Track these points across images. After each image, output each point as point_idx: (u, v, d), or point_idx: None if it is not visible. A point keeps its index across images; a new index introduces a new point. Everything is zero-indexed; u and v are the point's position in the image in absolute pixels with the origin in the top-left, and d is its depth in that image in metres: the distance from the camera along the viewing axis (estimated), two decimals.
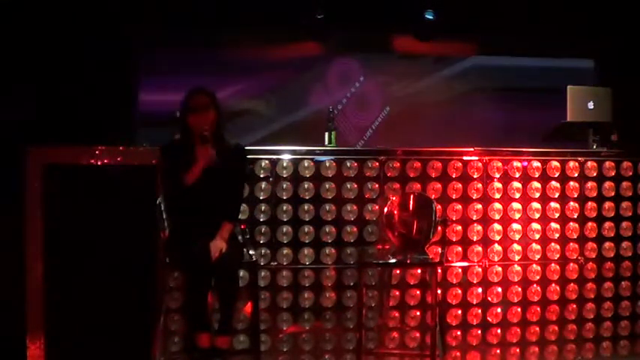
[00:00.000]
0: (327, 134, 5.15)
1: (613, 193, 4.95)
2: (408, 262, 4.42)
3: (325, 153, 4.75)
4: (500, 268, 4.80)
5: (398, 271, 4.68)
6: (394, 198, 4.59)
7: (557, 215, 4.88)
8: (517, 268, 4.82)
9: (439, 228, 4.54)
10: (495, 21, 6.66)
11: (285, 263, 4.61)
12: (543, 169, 4.88)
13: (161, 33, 6.49)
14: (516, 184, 4.84)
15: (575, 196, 4.91)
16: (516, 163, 4.85)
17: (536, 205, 4.85)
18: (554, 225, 4.87)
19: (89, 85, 5.83)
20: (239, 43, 6.92)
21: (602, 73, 6.92)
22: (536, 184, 4.86)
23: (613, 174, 4.96)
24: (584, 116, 5.26)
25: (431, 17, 6.75)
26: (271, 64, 7.06)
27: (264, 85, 7.06)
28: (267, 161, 4.61)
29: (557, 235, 4.87)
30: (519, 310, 4.81)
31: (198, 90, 4.18)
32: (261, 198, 4.59)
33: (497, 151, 4.88)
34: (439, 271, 4.49)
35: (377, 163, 4.72)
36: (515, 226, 4.83)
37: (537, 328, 4.83)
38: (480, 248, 4.78)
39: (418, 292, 4.72)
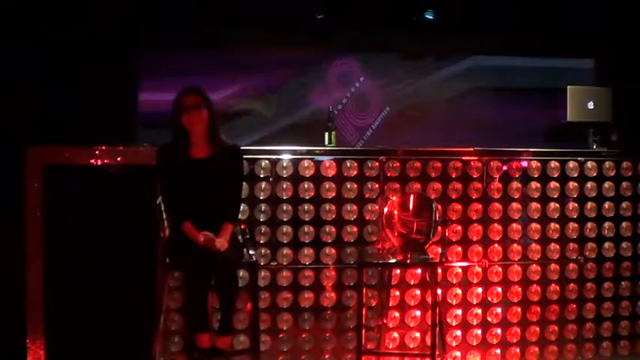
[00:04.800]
0: (327, 134, 5.15)
1: (613, 193, 4.95)
2: (408, 262, 4.43)
3: (325, 153, 4.75)
4: (500, 268, 4.80)
5: (398, 271, 4.69)
6: (394, 198, 4.59)
7: (557, 215, 4.88)
8: (517, 268, 4.82)
9: (439, 228, 4.54)
10: (495, 21, 6.66)
11: (285, 263, 4.61)
12: (543, 169, 4.88)
13: (161, 33, 6.49)
14: (516, 184, 4.84)
15: (575, 196, 4.91)
16: (516, 163, 4.85)
17: (536, 205, 4.85)
18: (554, 225, 4.87)
19: (89, 86, 5.83)
20: (239, 43, 6.92)
21: (602, 73, 6.92)
22: (536, 184, 4.86)
23: (613, 174, 4.96)
24: (584, 116, 5.26)
25: (431, 17, 6.76)
26: (271, 64, 7.06)
27: (264, 85, 7.06)
28: (267, 161, 4.61)
29: (557, 235, 4.87)
30: (519, 310, 4.81)
31: (189, 89, 4.16)
32: (261, 198, 4.59)
33: (497, 151, 4.88)
34: (439, 271, 4.49)
35: (377, 163, 4.72)
36: (515, 226, 4.83)
37: (537, 328, 4.83)
38: (480, 248, 4.78)
39: (418, 292, 4.72)
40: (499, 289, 4.80)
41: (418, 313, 4.71)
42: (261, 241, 4.59)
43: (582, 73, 7.01)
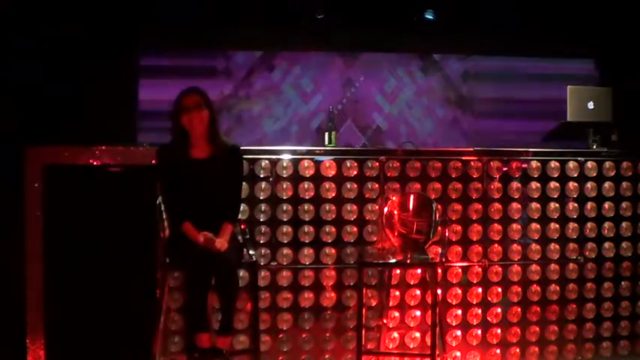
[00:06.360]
0: (327, 134, 5.15)
1: (613, 193, 4.95)
2: (408, 262, 4.42)
3: (325, 153, 4.75)
4: (500, 268, 4.80)
5: (398, 271, 4.69)
6: (394, 198, 4.59)
7: (557, 215, 4.88)
8: (517, 268, 4.82)
9: (439, 228, 4.54)
10: (496, 21, 6.66)
11: (285, 263, 4.61)
12: (543, 169, 4.88)
13: (161, 33, 6.49)
14: (516, 184, 4.84)
15: (575, 196, 4.91)
16: (516, 163, 4.85)
17: (536, 205, 4.85)
18: (554, 225, 4.87)
19: (89, 85, 5.83)
20: (239, 43, 6.92)
21: (602, 74, 6.92)
22: (536, 184, 4.86)
23: (613, 174, 4.96)
24: (584, 116, 5.26)
25: (431, 17, 6.76)
26: (271, 64, 7.06)
27: (263, 85, 7.06)
28: (267, 161, 4.61)
29: (557, 235, 4.87)
30: (519, 310, 4.81)
31: (190, 89, 4.17)
32: (261, 198, 4.60)
33: (497, 151, 4.88)
34: (439, 271, 4.49)
35: (377, 163, 4.72)
36: (515, 226, 4.83)
37: (537, 328, 4.83)
38: (480, 248, 4.78)
39: (418, 292, 4.72)
40: (499, 289, 4.80)
41: (418, 313, 4.71)
42: (261, 241, 4.59)
43: (582, 74, 7.02)
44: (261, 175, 4.61)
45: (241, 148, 4.31)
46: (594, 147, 5.19)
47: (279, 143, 6.32)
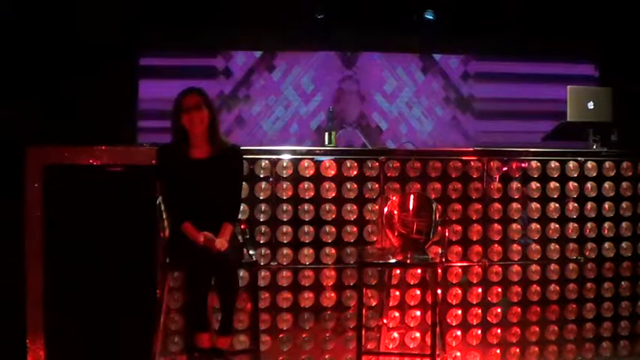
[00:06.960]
0: (327, 134, 5.16)
1: (613, 193, 4.95)
2: (408, 262, 4.42)
3: (325, 153, 4.75)
4: (500, 268, 4.80)
5: (398, 271, 4.69)
6: (394, 198, 4.59)
7: (557, 215, 4.88)
8: (517, 268, 4.82)
9: (439, 228, 4.54)
10: (496, 22, 6.67)
11: (285, 263, 4.61)
12: (543, 169, 4.88)
13: (161, 33, 6.50)
14: (516, 184, 4.84)
15: (575, 196, 4.91)
16: (516, 163, 4.85)
17: (536, 205, 4.85)
18: (554, 225, 4.87)
19: (89, 86, 5.83)
20: (239, 43, 6.93)
21: (602, 75, 6.93)
22: (536, 184, 4.86)
23: (613, 174, 4.96)
24: (584, 116, 5.26)
25: (431, 17, 6.77)
26: (271, 64, 7.07)
27: (263, 86, 7.07)
28: (267, 161, 4.61)
29: (557, 235, 4.87)
30: (519, 310, 4.81)
31: (190, 89, 4.17)
32: (261, 198, 4.59)
33: (497, 151, 4.88)
34: (439, 271, 4.49)
35: (377, 163, 4.72)
36: (515, 226, 4.83)
37: (537, 328, 4.83)
38: (480, 248, 4.78)
39: (418, 292, 4.72)
40: (499, 289, 4.80)
41: (418, 313, 4.71)
42: (261, 241, 4.59)
43: (583, 74, 7.03)
44: (261, 175, 4.61)
45: (241, 148, 4.31)
46: (594, 147, 5.19)
47: (279, 143, 6.33)
